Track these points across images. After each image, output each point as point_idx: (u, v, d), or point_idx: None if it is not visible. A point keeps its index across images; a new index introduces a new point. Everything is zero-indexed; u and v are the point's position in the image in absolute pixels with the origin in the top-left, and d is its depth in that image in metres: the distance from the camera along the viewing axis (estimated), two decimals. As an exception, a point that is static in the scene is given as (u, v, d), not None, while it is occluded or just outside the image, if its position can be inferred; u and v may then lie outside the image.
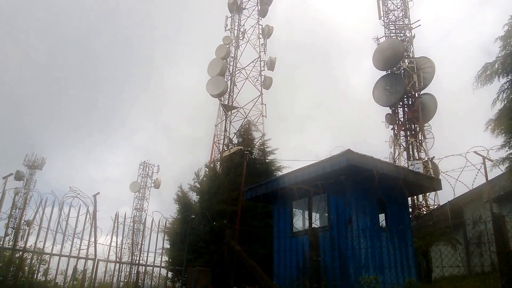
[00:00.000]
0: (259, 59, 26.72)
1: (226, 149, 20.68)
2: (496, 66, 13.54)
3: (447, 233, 13.79)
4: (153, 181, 41.17)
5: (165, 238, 13.74)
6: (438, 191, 17.83)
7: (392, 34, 27.00)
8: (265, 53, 26.92)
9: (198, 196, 14.96)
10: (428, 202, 23.07)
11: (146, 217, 38.92)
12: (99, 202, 11.90)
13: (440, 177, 11.19)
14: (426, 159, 23.75)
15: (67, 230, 10.21)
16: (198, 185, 15.39)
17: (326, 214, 9.60)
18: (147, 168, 41.62)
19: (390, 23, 27.37)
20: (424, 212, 21.99)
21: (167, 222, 14.04)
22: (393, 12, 27.70)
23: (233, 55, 27.00)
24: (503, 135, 12.98)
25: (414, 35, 26.69)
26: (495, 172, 12.78)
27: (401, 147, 24.87)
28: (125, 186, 42.78)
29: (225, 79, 25.62)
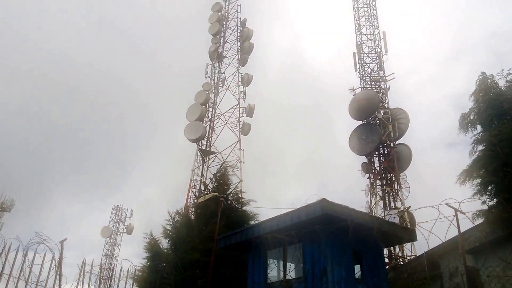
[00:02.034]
0: (238, 106, 27.09)
1: (202, 194, 20.38)
2: (472, 117, 14.38)
3: (424, 285, 13.59)
4: (125, 226, 39.93)
5: (134, 287, 13.16)
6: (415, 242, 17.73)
7: (367, 86, 27.81)
8: (244, 100, 27.38)
9: (170, 243, 14.50)
10: (405, 253, 22.93)
11: (115, 265, 37.59)
12: (66, 248, 11.39)
13: (416, 228, 11.20)
14: (402, 208, 23.83)
15: (30, 278, 9.67)
16: (171, 230, 14.95)
17: (301, 264, 9.40)
18: (119, 213, 40.47)
19: (366, 75, 28.26)
20: (401, 263, 21.78)
21: (136, 270, 13.51)
22: (368, 64, 28.69)
23: (212, 101, 27.31)
24: (476, 185, 13.27)
25: (389, 87, 27.56)
26: (469, 223, 12.91)
27: (377, 196, 24.98)
28: (97, 231, 41.34)
29: (204, 125, 25.74)
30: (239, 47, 29.83)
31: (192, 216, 16.08)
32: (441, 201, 11.89)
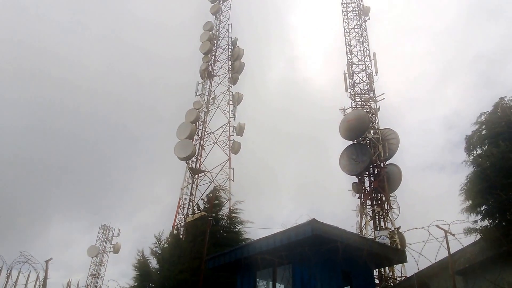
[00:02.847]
0: (228, 124, 27.08)
1: (191, 213, 20.15)
2: (474, 139, 14.70)
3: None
4: (112, 245, 39.16)
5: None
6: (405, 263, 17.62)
7: (358, 106, 27.98)
8: (234, 119, 27.38)
9: (159, 264, 14.25)
10: (395, 274, 22.78)
11: (101, 285, 36.76)
12: (52, 268, 11.12)
13: (406, 249, 11.15)
14: (392, 229, 23.77)
15: (13, 299, 9.40)
16: (159, 251, 14.74)
17: (291, 286, 9.27)
18: (107, 232, 39.70)
19: (356, 95, 28.44)
20: (391, 284, 21.61)
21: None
22: (359, 85, 28.92)
23: (202, 120, 27.27)
24: (467, 207, 13.36)
25: (379, 107, 27.75)
26: (458, 245, 12.89)
27: (368, 216, 24.90)
28: (84, 250, 40.48)
29: (194, 143, 25.63)
30: (230, 66, 29.97)
31: (181, 236, 15.85)
32: (431, 222, 11.88)
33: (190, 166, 25.34)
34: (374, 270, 13.96)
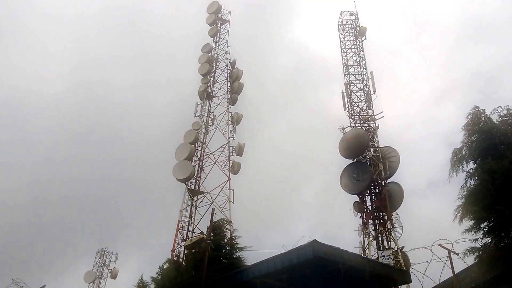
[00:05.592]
0: (227, 145, 26.99)
1: (190, 236, 19.86)
2: (463, 152, 14.42)
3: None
4: (110, 270, 38.39)
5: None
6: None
7: (357, 124, 27.93)
8: (234, 139, 27.29)
9: (157, 289, 13.92)
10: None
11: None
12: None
13: (410, 269, 10.90)
14: (395, 248, 23.41)
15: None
16: (159, 277, 14.43)
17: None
18: (104, 256, 38.95)
19: (355, 114, 28.45)
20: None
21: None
22: (357, 104, 28.95)
23: (201, 140, 27.18)
24: (471, 221, 13.02)
25: (378, 125, 27.68)
26: (464, 263, 12.58)
27: (370, 236, 24.57)
28: (80, 276, 39.60)
29: (193, 164, 25.48)
30: (229, 87, 30.08)
31: (181, 260, 15.55)
32: (434, 241, 11.64)
33: (189, 187, 25.12)
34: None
